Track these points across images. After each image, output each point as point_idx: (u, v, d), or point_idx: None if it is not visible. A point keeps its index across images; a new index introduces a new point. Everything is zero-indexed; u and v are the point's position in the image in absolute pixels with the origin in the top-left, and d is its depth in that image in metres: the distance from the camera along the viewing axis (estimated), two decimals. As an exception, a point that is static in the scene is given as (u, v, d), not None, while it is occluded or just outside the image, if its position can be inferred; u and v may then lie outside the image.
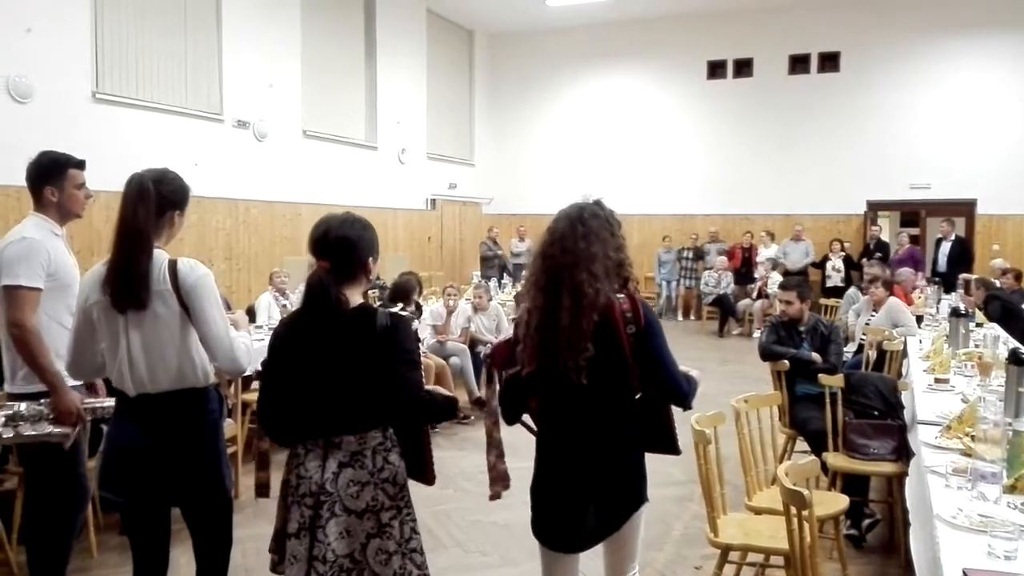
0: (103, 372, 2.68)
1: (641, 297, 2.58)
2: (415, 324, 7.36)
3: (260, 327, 6.57)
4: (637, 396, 2.52)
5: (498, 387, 2.71)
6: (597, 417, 2.48)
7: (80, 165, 3.25)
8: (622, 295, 2.49)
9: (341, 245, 2.45)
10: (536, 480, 2.60)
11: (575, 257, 2.43)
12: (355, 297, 2.47)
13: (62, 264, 3.18)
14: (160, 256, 2.55)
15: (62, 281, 3.15)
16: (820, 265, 13.34)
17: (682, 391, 2.51)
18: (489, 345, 2.93)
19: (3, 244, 3.14)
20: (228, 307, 3.77)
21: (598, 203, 2.57)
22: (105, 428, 3.06)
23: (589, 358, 2.40)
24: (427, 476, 2.60)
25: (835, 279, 12.82)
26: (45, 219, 3.19)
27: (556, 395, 2.50)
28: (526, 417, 2.68)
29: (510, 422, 2.68)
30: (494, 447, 2.75)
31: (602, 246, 2.46)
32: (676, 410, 2.64)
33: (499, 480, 2.76)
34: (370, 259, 2.51)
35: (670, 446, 2.66)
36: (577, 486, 2.49)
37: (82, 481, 3.32)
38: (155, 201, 2.53)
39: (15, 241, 3.10)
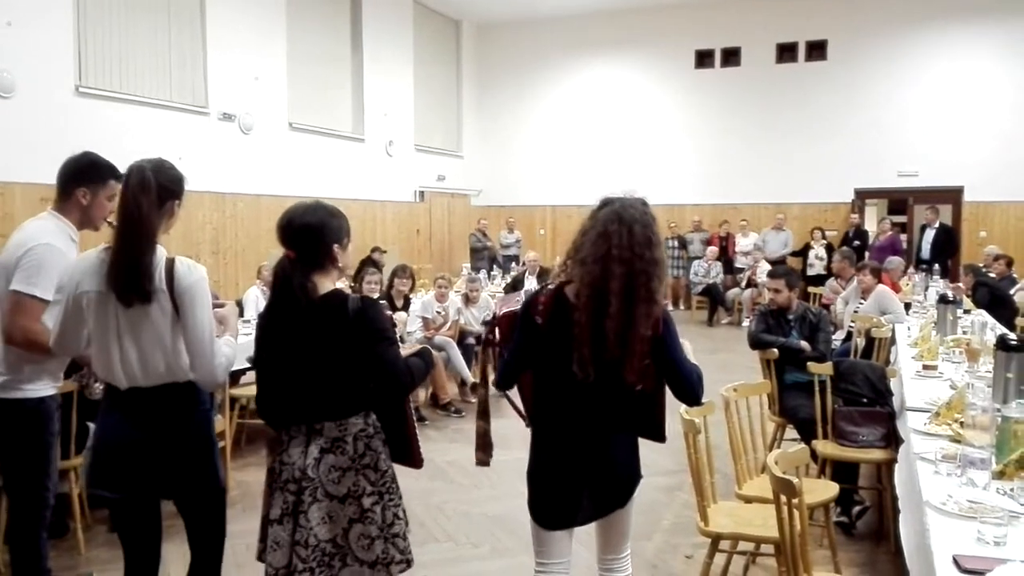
0: (84, 350, 2.65)
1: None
2: (406, 315, 7.35)
3: (248, 321, 6.57)
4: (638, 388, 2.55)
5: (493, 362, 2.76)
6: (604, 404, 2.52)
7: (120, 179, 3.06)
8: None
9: (304, 232, 2.47)
10: (533, 464, 2.62)
11: (651, 261, 2.44)
12: (325, 284, 2.49)
13: (68, 279, 3.08)
14: (159, 253, 2.50)
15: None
16: (801, 254, 13.39)
17: (695, 392, 2.56)
18: (490, 314, 2.96)
19: (24, 243, 2.98)
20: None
21: (646, 210, 2.54)
22: (92, 425, 3.03)
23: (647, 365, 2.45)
24: (414, 459, 2.63)
25: (818, 267, 12.86)
26: (65, 222, 3.07)
27: (579, 388, 2.49)
28: (515, 396, 2.74)
29: (505, 387, 2.71)
30: (486, 415, 2.83)
31: (660, 254, 2.50)
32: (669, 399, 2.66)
33: (488, 447, 2.85)
34: (336, 246, 2.51)
35: (656, 434, 2.71)
36: (573, 471, 2.53)
37: (47, 483, 3.21)
38: (156, 192, 2.49)
39: (40, 245, 2.96)
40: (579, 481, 2.53)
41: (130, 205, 2.46)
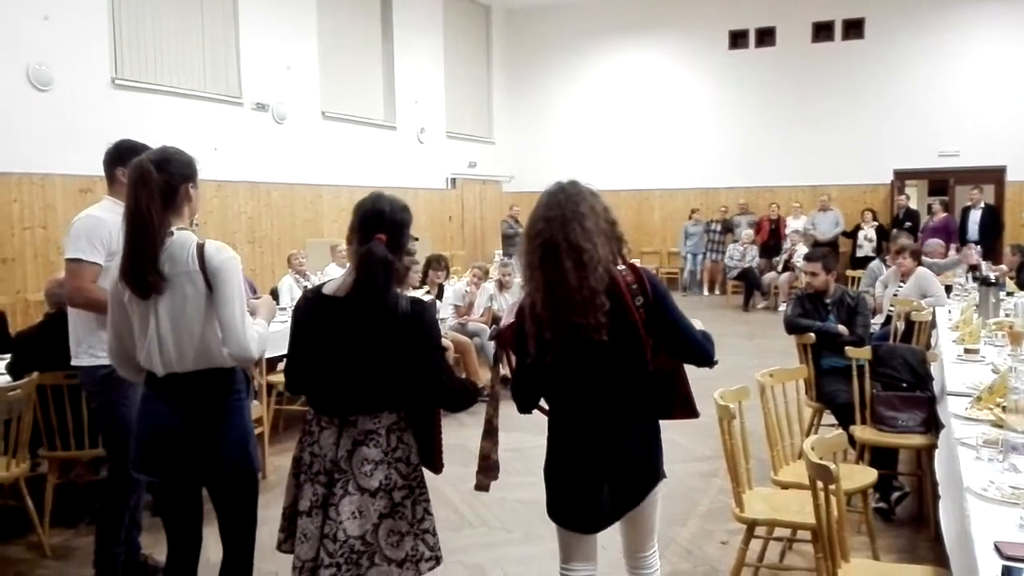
0: (141, 373, 2.68)
1: (643, 266, 2.54)
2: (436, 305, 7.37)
3: (284, 309, 6.64)
4: (651, 368, 2.46)
5: (505, 372, 2.67)
6: (615, 388, 2.43)
7: None
8: (623, 267, 2.43)
9: (400, 227, 2.48)
10: (549, 460, 2.56)
11: (563, 217, 2.40)
12: None
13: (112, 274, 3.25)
14: (188, 237, 2.56)
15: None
16: (851, 235, 13.20)
17: (706, 351, 2.49)
18: (494, 329, 2.91)
19: (72, 221, 3.29)
20: (254, 291, 3.83)
21: (574, 181, 2.56)
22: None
23: (607, 311, 2.32)
24: (435, 464, 2.60)
25: (867, 248, 12.65)
26: (116, 201, 3.26)
27: (576, 365, 2.42)
28: (541, 401, 2.63)
29: (525, 410, 2.61)
30: (491, 435, 2.71)
31: (589, 206, 2.44)
32: (697, 383, 2.63)
33: (490, 471, 2.72)
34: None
35: (688, 409, 2.62)
36: (592, 463, 2.44)
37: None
38: (160, 183, 2.53)
39: (81, 218, 3.27)
40: (597, 474, 2.43)
41: (129, 199, 2.53)
